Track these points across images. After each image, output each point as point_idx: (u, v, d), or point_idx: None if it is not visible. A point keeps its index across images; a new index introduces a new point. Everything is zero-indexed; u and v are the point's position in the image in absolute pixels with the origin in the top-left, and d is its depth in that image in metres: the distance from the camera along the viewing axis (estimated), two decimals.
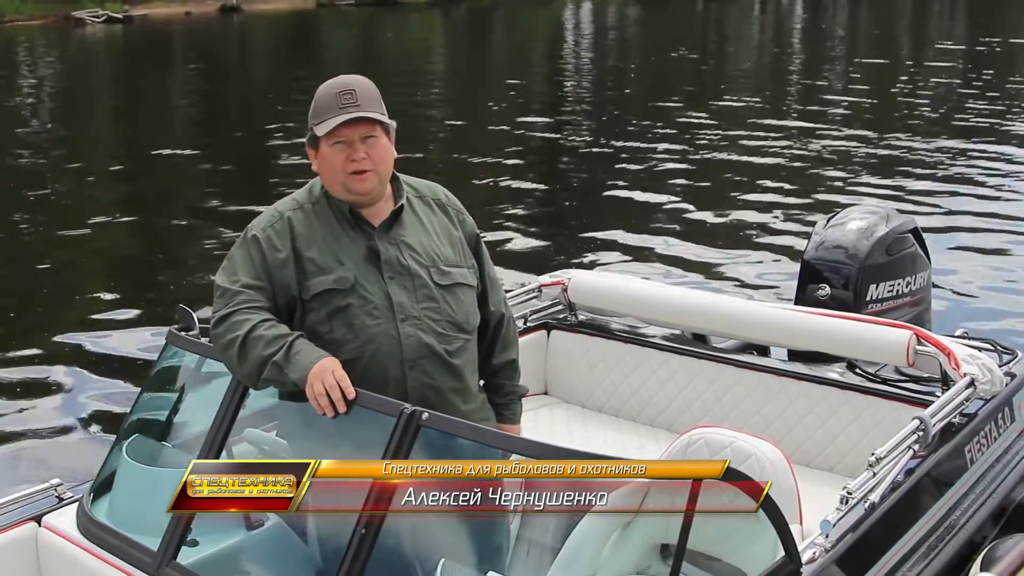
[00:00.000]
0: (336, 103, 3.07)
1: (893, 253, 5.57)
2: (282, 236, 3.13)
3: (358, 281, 3.09)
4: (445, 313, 3.15)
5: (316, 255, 3.11)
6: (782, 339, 4.86)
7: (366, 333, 3.07)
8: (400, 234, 3.18)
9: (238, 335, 3.01)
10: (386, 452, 2.78)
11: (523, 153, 17.15)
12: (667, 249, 11.19)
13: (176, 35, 48.10)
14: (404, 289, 3.11)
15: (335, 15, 58.58)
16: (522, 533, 2.93)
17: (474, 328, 3.27)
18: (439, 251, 3.21)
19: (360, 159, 3.08)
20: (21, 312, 9.83)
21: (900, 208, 10.92)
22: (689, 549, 2.73)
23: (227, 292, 3.11)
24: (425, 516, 2.78)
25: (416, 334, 3.09)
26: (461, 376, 3.19)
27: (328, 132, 3.07)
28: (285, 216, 3.18)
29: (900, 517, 3.54)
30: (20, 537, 3.55)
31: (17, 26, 51.12)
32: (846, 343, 4.52)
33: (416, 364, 3.09)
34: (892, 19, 51.03)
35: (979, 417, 4.14)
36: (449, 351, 3.15)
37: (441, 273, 3.17)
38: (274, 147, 18.11)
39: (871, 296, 5.48)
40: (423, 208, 3.28)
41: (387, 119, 3.14)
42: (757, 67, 30.45)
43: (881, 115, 20.35)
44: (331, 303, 3.08)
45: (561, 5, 64.74)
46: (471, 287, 3.26)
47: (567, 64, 33.71)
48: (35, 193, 15.04)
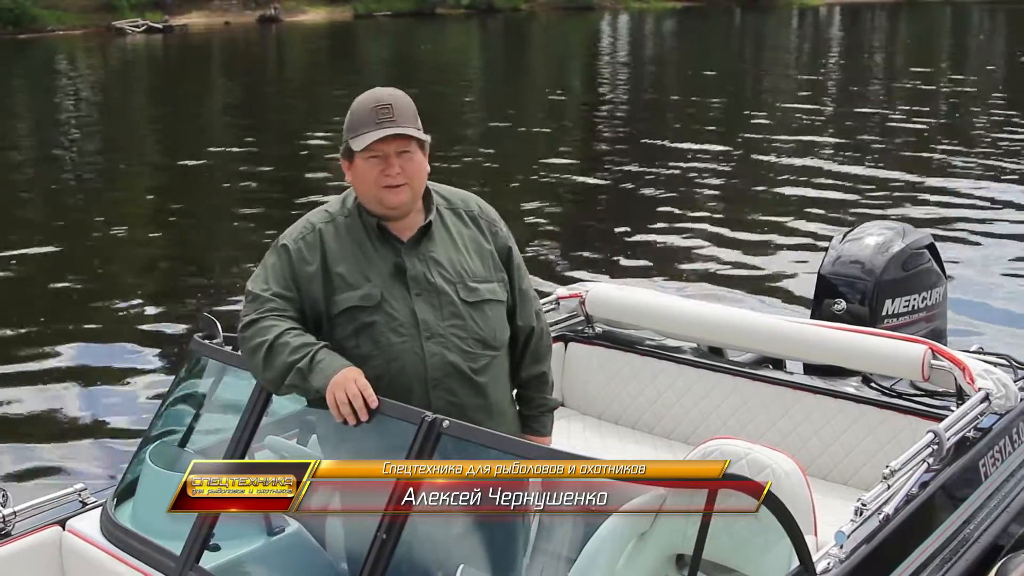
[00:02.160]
0: (373, 117, 3.06)
1: (909, 268, 5.58)
2: (312, 250, 3.14)
3: (384, 298, 3.09)
4: (471, 330, 3.15)
5: (344, 271, 3.11)
6: (798, 353, 4.88)
7: (391, 350, 3.08)
8: (428, 249, 3.17)
9: (265, 340, 3.04)
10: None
11: (553, 165, 17.26)
12: (685, 262, 11.24)
13: (215, 45, 48.43)
14: (430, 306, 3.11)
15: (372, 26, 58.99)
16: (538, 543, 2.95)
17: (502, 343, 3.25)
18: (467, 266, 3.19)
19: (395, 174, 3.08)
20: (51, 317, 9.92)
21: (916, 221, 11.01)
22: (704, 559, 2.74)
23: (258, 298, 3.13)
24: (444, 522, 2.82)
25: (441, 352, 3.10)
26: (486, 393, 3.18)
27: (363, 147, 3.07)
28: (317, 228, 3.18)
29: (914, 529, 3.55)
30: (45, 541, 3.59)
31: (59, 36, 51.59)
32: (862, 357, 4.54)
33: (440, 383, 3.10)
34: (930, 32, 50.87)
35: (993, 432, 4.14)
36: (474, 368, 3.15)
37: (468, 290, 3.16)
38: (312, 156, 18.33)
39: (887, 311, 5.50)
40: (454, 221, 3.26)
41: (423, 135, 3.13)
42: (789, 82, 30.31)
43: (907, 130, 20.29)
44: (357, 319, 3.09)
45: (598, 16, 64.72)
46: (500, 302, 3.24)
47: (602, 75, 33.74)
48: (72, 199, 15.22)
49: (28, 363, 8.68)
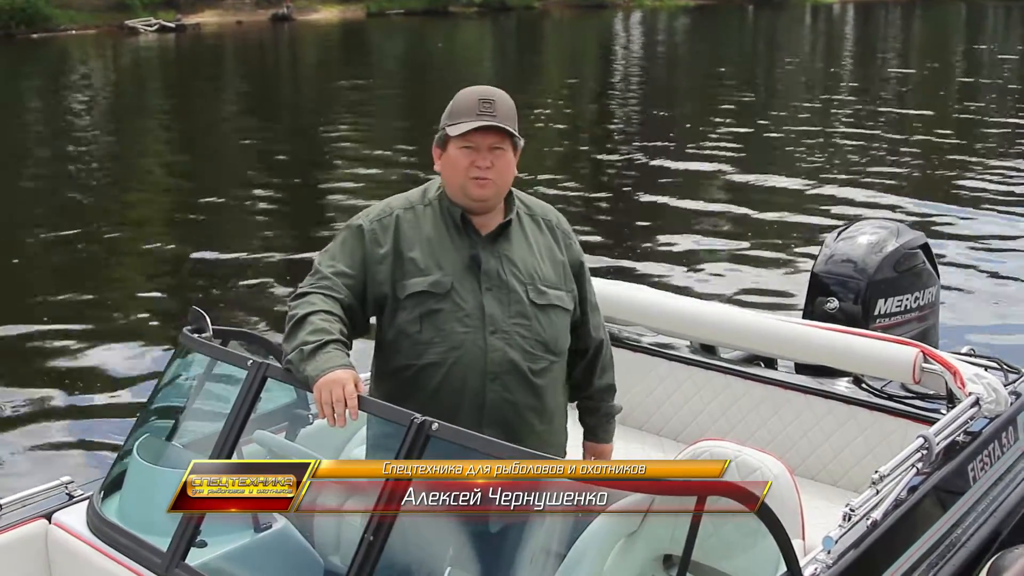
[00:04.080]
0: (475, 108, 3.09)
1: (902, 268, 5.58)
2: (386, 232, 3.17)
3: (454, 287, 3.11)
4: (535, 332, 3.16)
5: (418, 255, 3.14)
6: (789, 352, 4.88)
7: (454, 339, 3.10)
8: (504, 248, 3.19)
9: (298, 313, 3.07)
10: None
11: (555, 163, 17.32)
12: (677, 259, 11.23)
13: (228, 44, 48.47)
14: (498, 302, 3.13)
15: (385, 24, 59.06)
16: (526, 542, 2.95)
17: (562, 351, 3.27)
18: (540, 270, 3.21)
19: (485, 167, 3.10)
20: (46, 310, 9.91)
21: (911, 221, 11.01)
22: (692, 561, 2.75)
23: (316, 273, 3.18)
24: (432, 524, 2.81)
25: (503, 348, 3.11)
26: (542, 396, 3.19)
27: (460, 135, 3.10)
28: (395, 213, 3.21)
29: (902, 534, 3.56)
30: (31, 534, 3.57)
31: (71, 36, 51.68)
32: (853, 359, 4.54)
33: (498, 377, 3.11)
34: (944, 30, 50.78)
35: (983, 436, 4.15)
36: (533, 369, 3.15)
37: (538, 292, 3.18)
38: (325, 155, 18.44)
39: (879, 311, 5.50)
40: (532, 226, 3.28)
41: (519, 137, 3.17)
42: (799, 80, 30.10)
43: (913, 128, 20.27)
44: (424, 304, 3.11)
45: (611, 14, 64.73)
46: (566, 311, 3.26)
47: (614, 73, 33.70)
48: (81, 195, 15.21)
49: (17, 355, 8.66)
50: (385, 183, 15.09)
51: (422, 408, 2.91)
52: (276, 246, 12.16)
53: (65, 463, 6.51)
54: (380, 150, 18.43)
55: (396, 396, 3.10)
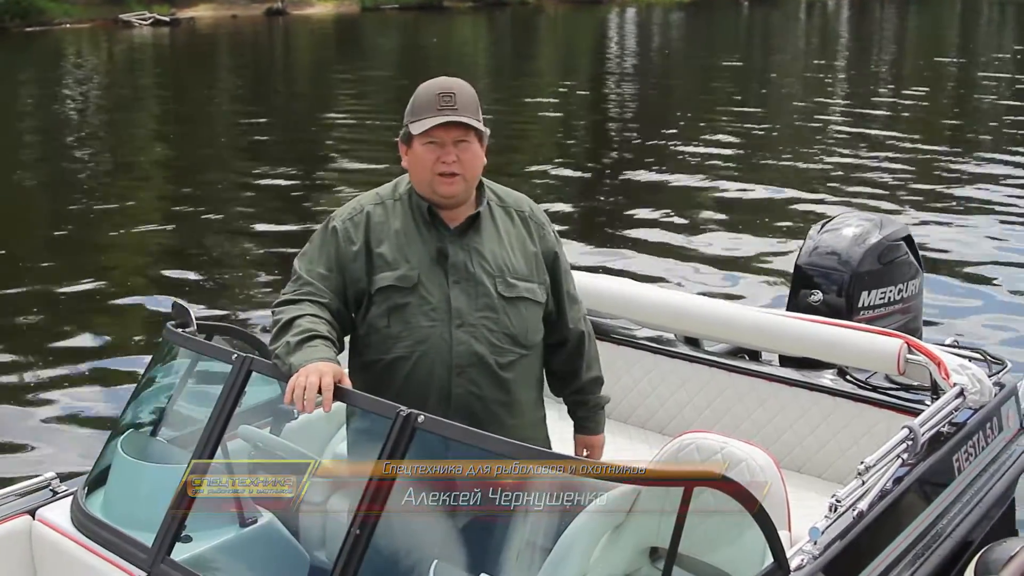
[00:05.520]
0: (435, 104, 3.08)
1: (885, 260, 5.59)
2: (358, 229, 3.17)
3: (421, 281, 3.12)
4: (503, 325, 3.15)
5: (386, 250, 3.14)
6: (774, 344, 4.89)
7: (420, 332, 3.10)
8: (474, 240, 3.18)
9: (283, 317, 3.09)
10: (381, 454, 2.79)
11: (547, 156, 17.38)
12: (661, 252, 11.24)
13: (222, 38, 48.42)
14: (465, 295, 3.12)
15: (379, 19, 59.03)
16: (513, 534, 2.95)
17: (532, 344, 3.25)
18: (510, 262, 3.20)
19: (450, 162, 3.09)
20: (37, 304, 9.86)
21: (894, 213, 11.05)
22: (679, 553, 2.75)
23: (299, 279, 3.19)
24: (419, 517, 2.81)
25: (468, 341, 3.10)
26: (510, 390, 3.18)
27: (422, 131, 3.09)
28: (365, 210, 3.21)
29: (888, 525, 3.57)
30: (14, 530, 3.55)
31: (66, 29, 51.62)
32: (837, 350, 4.55)
33: (464, 371, 3.10)
34: (938, 26, 50.86)
35: (968, 427, 4.17)
36: (500, 363, 3.15)
37: (507, 285, 3.17)
38: (320, 149, 18.36)
39: (863, 303, 5.51)
40: (503, 218, 3.27)
41: (482, 127, 3.15)
42: (792, 75, 30.01)
43: (903, 123, 20.33)
44: (391, 299, 3.12)
45: (606, 9, 64.79)
46: (537, 303, 3.24)
47: (608, 69, 33.60)
48: (77, 193, 15.13)
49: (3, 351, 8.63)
50: (378, 175, 15.06)
51: (392, 401, 2.91)
52: (268, 239, 12.11)
53: (49, 459, 6.48)
54: (374, 143, 18.39)
55: (368, 390, 3.09)
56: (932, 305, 8.38)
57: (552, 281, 3.31)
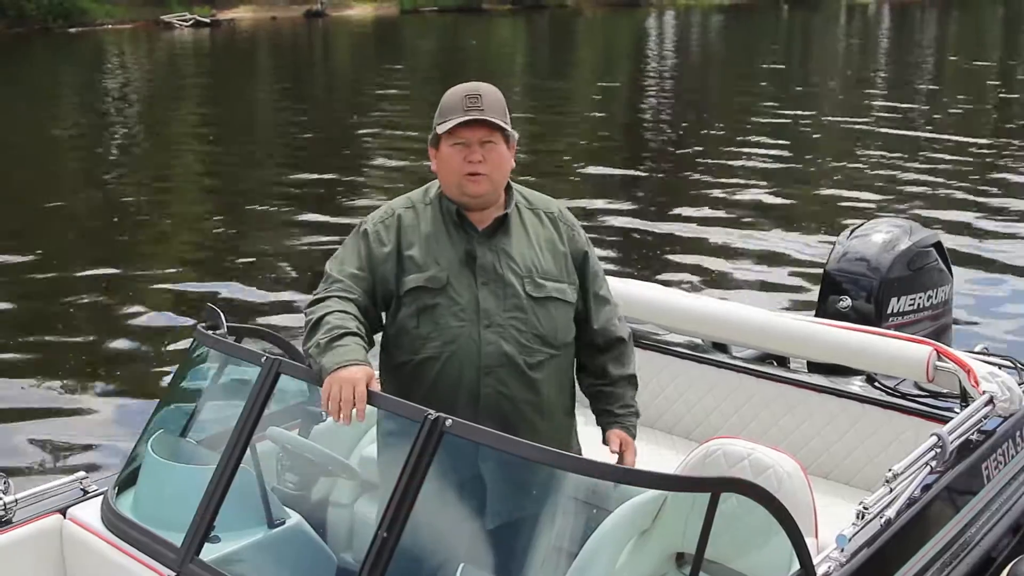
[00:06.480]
0: (462, 105, 3.11)
1: (915, 267, 5.57)
2: (389, 232, 3.21)
3: (450, 282, 3.14)
4: (531, 325, 3.16)
5: (416, 252, 3.17)
6: (802, 351, 4.87)
7: (449, 333, 3.12)
8: (502, 242, 3.20)
9: (315, 316, 3.11)
10: (408, 458, 2.80)
11: (581, 162, 17.29)
12: (689, 257, 11.20)
13: (262, 39, 48.87)
14: (494, 296, 3.14)
15: (418, 21, 59.48)
16: (539, 539, 2.95)
17: (563, 344, 3.26)
18: (538, 263, 3.21)
19: (476, 161, 3.11)
20: (69, 302, 9.95)
21: (925, 220, 10.97)
22: (705, 559, 2.75)
23: (329, 278, 3.22)
24: (446, 520, 2.82)
25: (497, 341, 3.12)
26: (539, 390, 3.19)
27: (448, 131, 3.12)
28: (396, 213, 3.25)
29: (916, 533, 3.55)
30: (45, 528, 3.59)
31: (107, 30, 52.21)
32: (866, 357, 4.53)
33: (492, 371, 3.12)
34: (980, 30, 50.40)
35: (997, 435, 4.14)
36: (529, 363, 3.16)
37: (535, 285, 3.18)
38: (356, 150, 18.48)
39: (892, 309, 5.48)
40: (532, 219, 3.29)
41: (509, 128, 3.17)
42: (831, 80, 29.82)
43: (938, 129, 20.11)
44: (421, 300, 3.14)
45: (645, 13, 64.78)
46: (567, 303, 3.25)
47: (646, 72, 33.58)
48: (115, 185, 15.28)
49: (34, 350, 8.69)
50: (416, 177, 15.08)
51: (421, 403, 2.93)
52: (304, 242, 12.15)
53: (79, 458, 6.54)
54: (412, 144, 18.42)
55: (399, 391, 3.11)
56: (962, 312, 8.33)
57: (581, 280, 3.33)
